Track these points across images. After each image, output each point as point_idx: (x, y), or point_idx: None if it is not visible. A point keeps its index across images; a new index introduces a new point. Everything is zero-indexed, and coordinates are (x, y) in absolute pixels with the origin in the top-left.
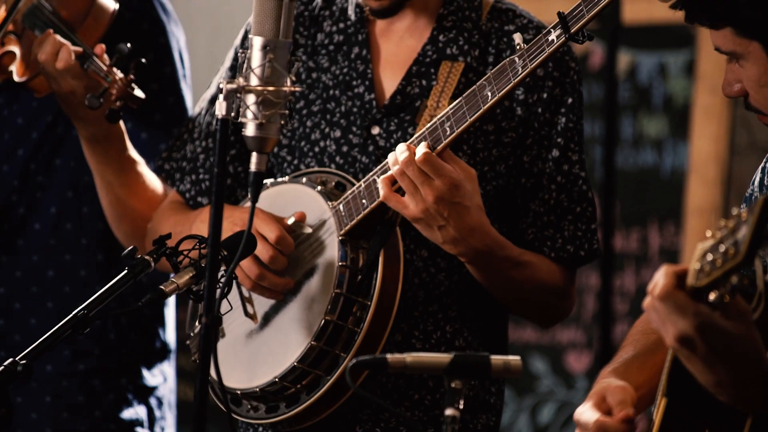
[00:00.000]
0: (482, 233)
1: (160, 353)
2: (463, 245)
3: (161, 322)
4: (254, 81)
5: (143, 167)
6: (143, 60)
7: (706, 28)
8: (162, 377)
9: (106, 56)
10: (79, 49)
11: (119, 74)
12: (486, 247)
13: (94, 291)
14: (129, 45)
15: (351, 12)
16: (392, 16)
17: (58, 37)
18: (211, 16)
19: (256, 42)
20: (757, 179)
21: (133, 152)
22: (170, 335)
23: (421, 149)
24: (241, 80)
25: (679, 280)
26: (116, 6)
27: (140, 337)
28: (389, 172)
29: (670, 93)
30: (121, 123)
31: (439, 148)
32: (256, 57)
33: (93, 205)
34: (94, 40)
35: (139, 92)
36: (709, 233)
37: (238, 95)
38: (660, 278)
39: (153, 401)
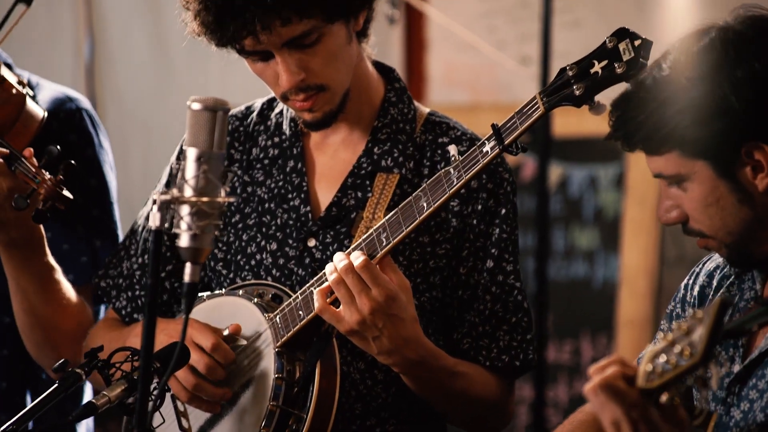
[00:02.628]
0: (417, 344)
1: None
2: (397, 356)
3: None
4: (188, 192)
5: (60, 275)
6: (72, 162)
7: (648, 155)
8: None
9: (34, 159)
10: (6, 150)
11: (48, 175)
12: (421, 358)
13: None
14: (59, 147)
15: (286, 126)
16: (326, 128)
17: None
18: (146, 131)
19: (190, 153)
20: (680, 295)
21: (51, 259)
22: None
23: (359, 257)
24: (175, 191)
25: (626, 374)
26: (45, 114)
27: None
28: (326, 283)
29: (601, 205)
30: (42, 229)
31: (377, 257)
32: (190, 168)
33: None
34: (22, 146)
35: (67, 193)
36: (659, 335)
37: (173, 206)
38: (608, 365)
39: None
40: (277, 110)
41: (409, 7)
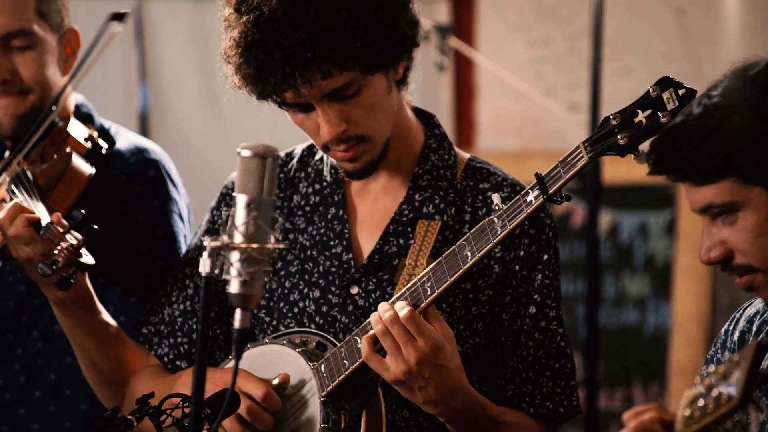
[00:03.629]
0: (462, 394)
1: None
2: (443, 406)
3: None
4: (238, 238)
5: (119, 331)
6: (95, 227)
7: (699, 186)
8: None
9: (63, 222)
10: (36, 216)
11: (71, 240)
12: (466, 408)
13: None
14: (83, 212)
15: (326, 173)
16: (367, 177)
17: (19, 204)
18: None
19: (240, 200)
20: (720, 341)
21: (106, 316)
22: None
23: (405, 308)
24: (225, 238)
25: (664, 420)
26: (91, 172)
27: None
28: (371, 332)
29: (652, 252)
30: (89, 287)
31: (422, 306)
32: (240, 215)
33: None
34: (66, 205)
35: (87, 258)
36: (697, 380)
37: (222, 253)
38: (644, 410)
39: None
40: (317, 156)
41: (458, 54)
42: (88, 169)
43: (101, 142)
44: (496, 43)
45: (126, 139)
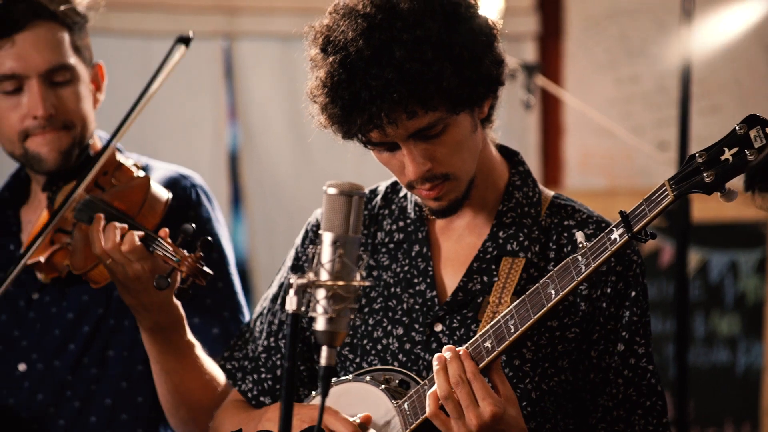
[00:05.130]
0: None
1: None
2: None
3: None
4: (324, 276)
5: (200, 350)
6: (209, 238)
7: None
8: None
9: (169, 238)
10: (141, 233)
11: (187, 252)
12: None
13: None
14: (193, 225)
15: (410, 210)
16: (451, 215)
17: (119, 225)
18: (288, 215)
19: (327, 237)
20: None
21: (191, 337)
22: None
23: (470, 365)
24: (311, 275)
25: None
26: (170, 196)
27: None
28: (434, 388)
29: (742, 291)
30: (180, 308)
31: (505, 344)
32: (326, 252)
33: (147, 394)
34: (152, 227)
35: (207, 269)
36: None
37: (309, 290)
38: None
39: None
40: (401, 193)
41: (545, 93)
42: (165, 193)
43: (142, 171)
44: (583, 82)
45: (164, 167)
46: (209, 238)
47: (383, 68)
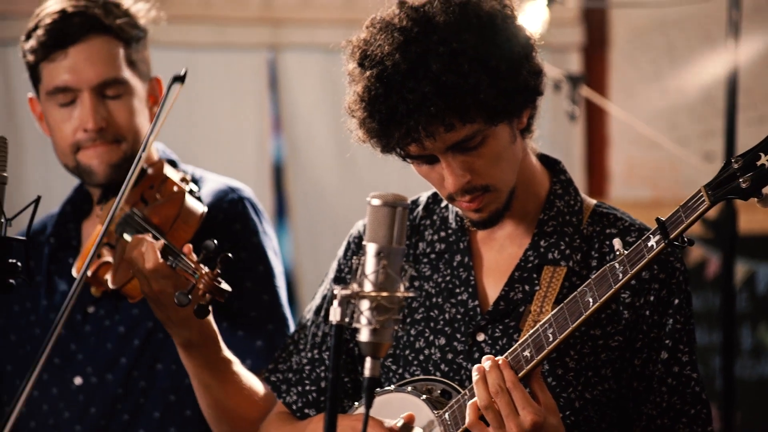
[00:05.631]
0: None
1: None
2: None
3: None
4: (368, 287)
5: (239, 366)
6: (230, 254)
7: None
8: None
9: (193, 254)
10: (164, 246)
11: (205, 269)
12: None
13: None
14: (215, 241)
15: (452, 220)
16: (492, 226)
17: (148, 239)
18: (332, 227)
19: (370, 249)
20: None
21: (227, 353)
22: None
23: (510, 375)
24: (355, 286)
25: None
26: (204, 209)
27: None
28: (475, 400)
29: None
30: (214, 325)
31: (544, 353)
32: (370, 263)
33: (196, 407)
34: (183, 242)
35: (225, 285)
36: None
37: (353, 301)
38: None
39: None
40: (442, 204)
41: (589, 104)
42: (200, 207)
43: (192, 184)
44: (628, 93)
45: (215, 180)
46: (229, 254)
47: (420, 81)
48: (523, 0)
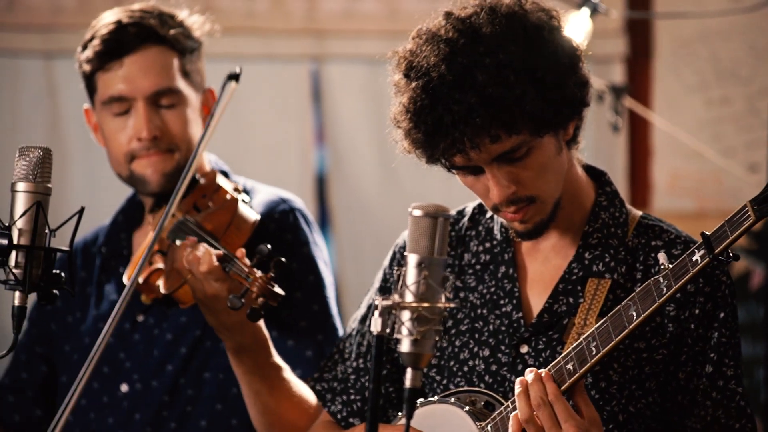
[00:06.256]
0: None
1: None
2: None
3: None
4: (409, 298)
5: (289, 373)
6: (283, 259)
7: None
8: None
9: (246, 259)
10: (221, 252)
11: (259, 273)
12: None
13: None
14: (269, 246)
15: (497, 231)
16: (537, 237)
17: (202, 244)
18: (375, 237)
19: (411, 259)
20: None
21: (278, 359)
22: None
23: (552, 388)
24: (396, 297)
25: None
26: (257, 217)
27: None
28: (516, 411)
29: None
30: (265, 330)
31: (587, 366)
32: (411, 274)
33: (242, 416)
34: (236, 248)
35: (278, 289)
36: None
37: (393, 312)
38: None
39: None
40: (488, 215)
41: (633, 115)
42: (253, 215)
43: (244, 194)
44: (672, 104)
45: (266, 190)
46: (283, 259)
47: (466, 93)
48: (567, 11)
